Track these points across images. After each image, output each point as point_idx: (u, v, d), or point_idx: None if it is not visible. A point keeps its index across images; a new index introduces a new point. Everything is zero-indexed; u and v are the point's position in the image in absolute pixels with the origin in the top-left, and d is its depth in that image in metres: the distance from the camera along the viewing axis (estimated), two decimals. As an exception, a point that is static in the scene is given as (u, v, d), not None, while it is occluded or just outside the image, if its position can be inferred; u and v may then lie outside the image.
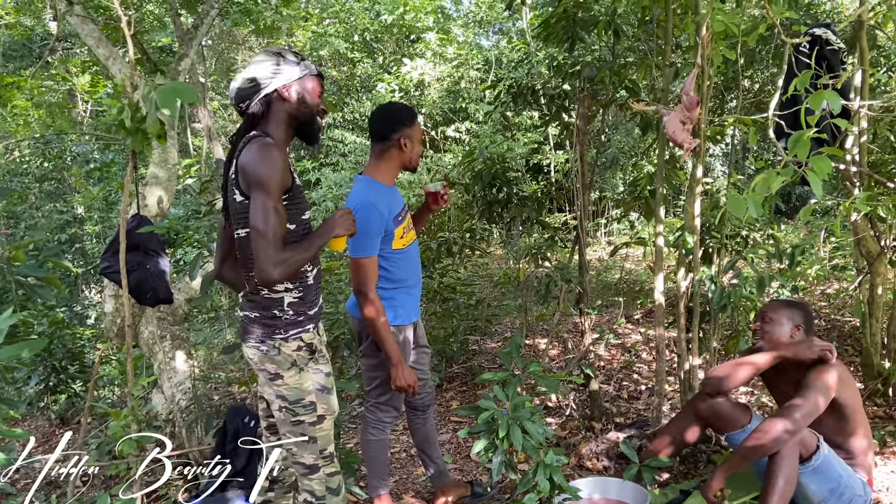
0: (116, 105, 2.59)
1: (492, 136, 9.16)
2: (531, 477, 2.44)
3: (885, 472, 2.87)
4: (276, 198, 1.88)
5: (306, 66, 2.03)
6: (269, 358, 2.02)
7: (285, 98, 1.99)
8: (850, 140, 3.23)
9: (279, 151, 1.91)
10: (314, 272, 2.12)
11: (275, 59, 1.99)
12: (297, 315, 2.05)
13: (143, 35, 6.98)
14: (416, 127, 2.55)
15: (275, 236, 1.86)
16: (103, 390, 5.52)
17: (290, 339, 2.03)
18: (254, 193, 1.88)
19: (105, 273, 3.02)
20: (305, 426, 2.07)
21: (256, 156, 1.89)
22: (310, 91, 2.03)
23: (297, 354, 2.04)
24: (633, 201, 4.44)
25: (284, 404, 2.05)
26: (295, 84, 2.00)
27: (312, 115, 2.05)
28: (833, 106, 1.82)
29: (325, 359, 2.16)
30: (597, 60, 4.19)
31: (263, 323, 2.02)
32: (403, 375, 2.52)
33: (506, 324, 6.23)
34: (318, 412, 2.09)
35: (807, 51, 2.87)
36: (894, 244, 3.47)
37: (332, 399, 2.16)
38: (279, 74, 1.97)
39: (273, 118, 2.00)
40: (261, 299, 2.02)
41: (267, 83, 1.97)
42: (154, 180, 3.97)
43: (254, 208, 1.87)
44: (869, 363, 3.46)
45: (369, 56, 12.65)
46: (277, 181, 1.89)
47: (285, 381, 2.03)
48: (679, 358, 3.34)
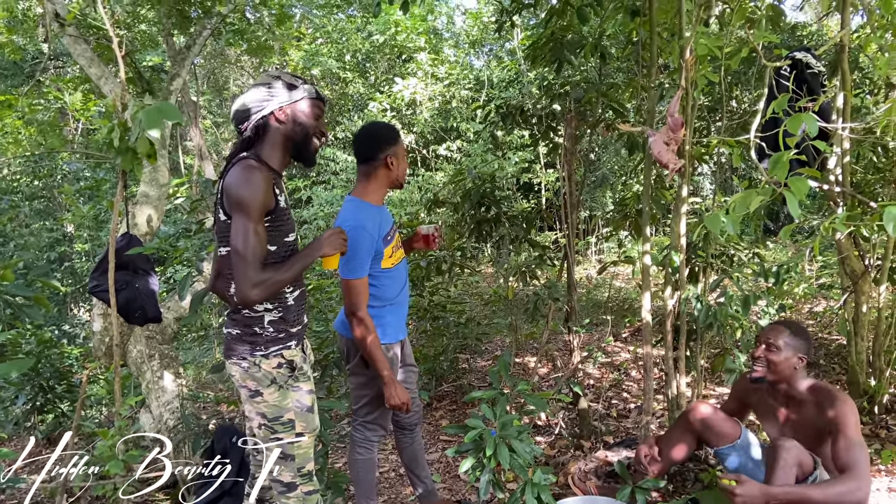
0: (107, 125, 2.61)
1: (482, 156, 9.23)
2: (519, 496, 2.45)
3: (871, 490, 2.89)
4: (256, 219, 1.90)
5: (305, 90, 2.05)
6: (250, 375, 2.03)
7: (280, 120, 2.02)
8: (834, 161, 3.28)
9: (262, 174, 1.93)
10: (296, 294, 2.13)
11: (270, 82, 2.02)
12: (278, 332, 2.06)
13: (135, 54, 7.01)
14: (401, 144, 2.58)
15: (253, 257, 1.88)
16: (91, 410, 5.48)
17: (270, 356, 2.04)
18: (234, 215, 1.91)
19: (94, 292, 3.02)
20: (284, 444, 2.08)
21: (239, 177, 1.91)
22: (306, 113, 2.05)
23: (276, 372, 2.04)
24: (622, 220, 4.49)
25: (263, 421, 2.07)
26: (290, 107, 2.02)
27: (307, 137, 2.07)
28: (810, 128, 1.87)
29: (307, 377, 2.15)
30: (585, 81, 4.25)
31: (244, 340, 2.04)
32: (397, 394, 2.52)
33: (496, 342, 6.24)
34: (296, 430, 2.09)
35: (787, 73, 2.93)
36: (878, 263, 3.51)
37: (311, 417, 2.14)
38: (274, 98, 2.00)
39: (268, 140, 2.03)
40: (242, 317, 2.05)
41: (261, 106, 2.00)
42: (144, 199, 3.97)
43: (234, 229, 1.90)
44: (855, 381, 3.48)
45: (361, 75, 12.75)
46: (258, 203, 1.90)
47: (265, 399, 2.04)
48: (667, 376, 3.35)
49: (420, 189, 9.69)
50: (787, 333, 2.53)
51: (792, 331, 2.55)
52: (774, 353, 2.52)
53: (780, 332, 2.55)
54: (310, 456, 2.15)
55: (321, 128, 2.10)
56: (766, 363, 2.55)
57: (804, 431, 2.52)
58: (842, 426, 2.36)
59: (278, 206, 2.00)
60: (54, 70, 10.08)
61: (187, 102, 7.46)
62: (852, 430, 2.35)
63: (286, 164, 2.10)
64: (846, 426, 2.36)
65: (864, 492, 2.25)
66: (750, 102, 5.04)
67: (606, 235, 9.26)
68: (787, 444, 2.39)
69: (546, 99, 4.15)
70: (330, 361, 3.66)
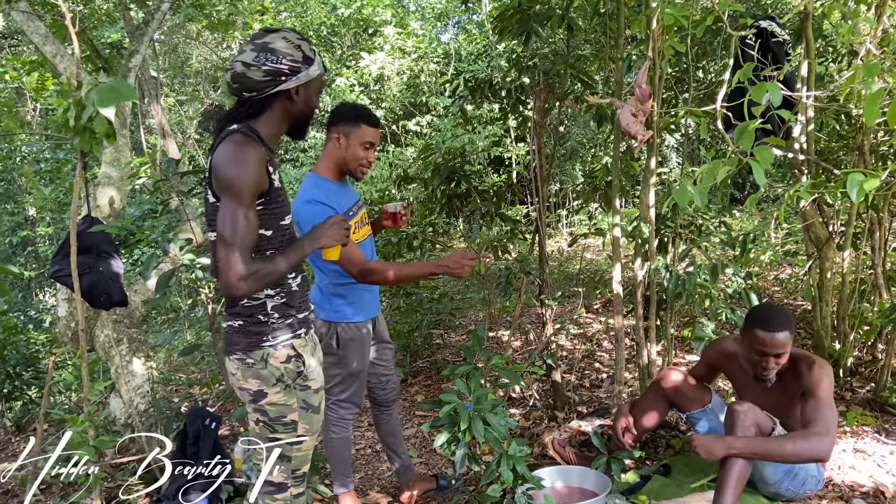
0: (62, 104, 2.52)
1: (453, 130, 9.17)
2: (494, 468, 2.47)
3: (836, 451, 2.97)
4: (247, 203, 1.71)
5: (318, 63, 1.87)
6: (254, 372, 1.84)
7: (293, 99, 1.84)
8: (798, 129, 3.32)
9: (256, 151, 1.73)
10: (298, 279, 1.95)
11: (290, 52, 1.79)
12: (285, 318, 1.88)
13: (91, 31, 6.79)
14: (360, 129, 2.45)
15: (242, 247, 1.69)
16: (60, 396, 5.39)
17: (279, 347, 1.85)
18: (223, 198, 1.72)
19: (56, 277, 2.94)
20: (282, 444, 1.91)
21: (229, 155, 1.72)
22: (315, 94, 1.90)
23: (285, 368, 1.86)
24: (592, 192, 4.51)
25: (264, 419, 1.89)
26: (305, 86, 1.85)
27: (311, 116, 1.93)
28: (774, 97, 1.88)
29: (316, 373, 1.96)
30: (553, 54, 4.23)
31: (249, 331, 1.84)
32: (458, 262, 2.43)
33: (470, 317, 6.26)
34: (298, 431, 1.91)
35: (753, 43, 2.94)
36: (842, 229, 3.58)
37: (316, 418, 1.96)
38: (294, 74, 1.80)
39: (270, 115, 1.84)
40: (241, 307, 1.85)
41: (278, 81, 1.79)
42: (106, 180, 3.88)
43: (222, 214, 1.71)
44: (820, 346, 3.57)
45: (327, 50, 12.53)
46: (251, 185, 1.71)
47: (269, 399, 1.86)
48: (637, 345, 3.40)
49: (390, 165, 9.61)
50: (788, 334, 2.44)
51: (789, 328, 2.45)
52: (784, 356, 2.48)
53: (782, 338, 2.43)
54: (308, 458, 2.00)
55: (318, 105, 1.95)
56: (778, 366, 2.49)
57: (780, 398, 2.57)
58: (814, 388, 2.40)
59: (272, 186, 1.80)
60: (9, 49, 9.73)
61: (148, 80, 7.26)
62: (824, 391, 2.39)
63: (280, 137, 1.93)
64: (818, 388, 2.40)
65: (826, 447, 2.28)
66: (717, 73, 5.07)
67: (577, 208, 9.30)
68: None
69: (515, 72, 4.12)
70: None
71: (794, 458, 2.30)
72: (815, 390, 2.40)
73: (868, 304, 3.65)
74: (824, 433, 2.30)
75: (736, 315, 3.19)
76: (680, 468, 2.89)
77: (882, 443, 3.02)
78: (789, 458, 2.31)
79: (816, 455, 2.30)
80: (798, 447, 2.28)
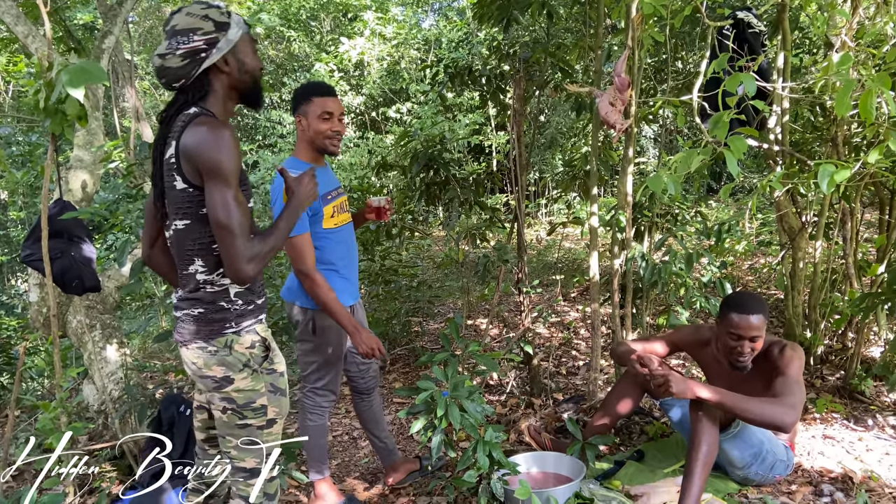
0: (33, 85, 2.47)
1: (433, 118, 9.13)
2: (471, 454, 2.49)
3: (806, 437, 3.03)
4: (235, 184, 1.68)
5: (237, 23, 1.76)
6: (219, 359, 1.79)
7: (225, 71, 1.76)
8: (774, 120, 3.35)
9: (231, 133, 1.69)
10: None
11: (199, 26, 1.71)
12: (248, 304, 1.84)
13: (64, 12, 6.64)
14: (312, 103, 2.47)
15: (241, 229, 1.66)
16: (32, 382, 5.32)
17: (242, 333, 1.82)
18: (210, 184, 1.66)
19: (27, 261, 2.89)
20: (252, 429, 1.87)
21: (208, 139, 1.65)
22: (249, 54, 1.80)
23: (250, 353, 1.83)
24: (571, 181, 4.53)
25: (232, 406, 1.84)
26: (231, 53, 1.76)
27: (255, 79, 1.83)
28: (748, 88, 1.89)
29: (280, 357, 1.94)
30: (533, 42, 4.22)
31: (210, 318, 1.79)
32: (364, 340, 2.48)
33: (448, 304, 6.27)
34: (268, 415, 1.88)
35: (729, 33, 2.96)
36: (814, 219, 3.64)
37: (284, 401, 1.94)
38: (211, 47, 1.71)
39: (214, 94, 1.78)
40: (204, 294, 1.80)
41: (198, 59, 1.71)
42: (78, 164, 3.80)
43: (212, 201, 1.65)
44: (792, 334, 3.63)
45: (306, 35, 12.39)
46: (235, 168, 1.67)
47: (236, 385, 1.81)
48: (614, 333, 3.43)
49: (370, 153, 9.55)
50: (761, 318, 2.47)
51: (763, 313, 2.49)
52: (758, 341, 2.51)
53: (757, 321, 2.47)
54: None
55: (261, 65, 1.86)
56: (752, 352, 2.53)
57: (753, 386, 2.60)
58: (784, 367, 2.44)
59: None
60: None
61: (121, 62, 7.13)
62: (794, 370, 2.43)
63: (229, 115, 1.87)
64: (788, 367, 2.44)
65: (790, 418, 2.29)
66: (695, 63, 5.10)
67: (556, 197, 9.34)
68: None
69: (494, 59, 4.11)
70: (278, 328, 3.63)
71: (758, 417, 2.30)
72: (786, 369, 2.44)
73: (839, 294, 3.72)
74: (791, 406, 2.32)
75: (710, 303, 3.23)
76: (653, 454, 2.94)
77: (851, 429, 3.09)
78: (753, 415, 2.30)
79: (779, 422, 2.30)
80: (764, 408, 2.30)
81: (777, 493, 2.59)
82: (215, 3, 1.77)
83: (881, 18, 2.86)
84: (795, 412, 2.31)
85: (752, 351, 2.52)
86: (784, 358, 2.47)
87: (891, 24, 2.79)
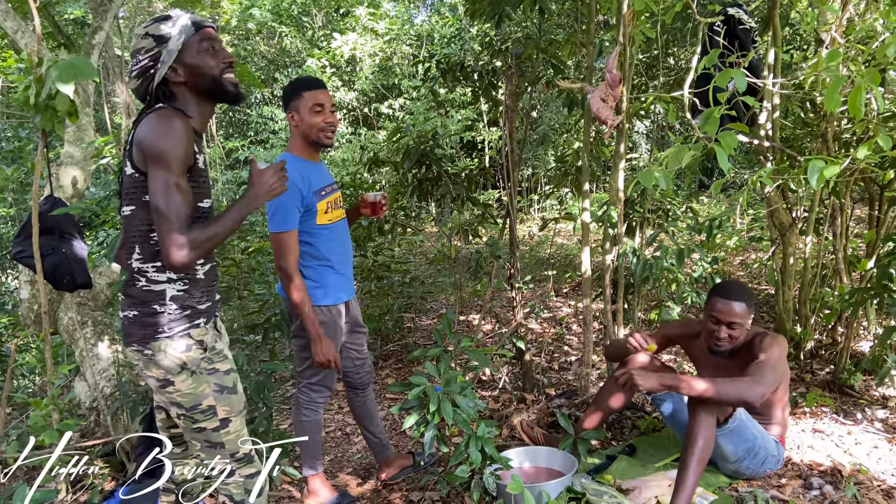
0: (23, 81, 2.46)
1: (425, 114, 9.13)
2: (463, 449, 2.49)
3: (796, 431, 3.06)
4: (178, 171, 1.67)
5: (180, 29, 1.75)
6: (155, 363, 1.78)
7: (179, 82, 1.78)
8: (764, 116, 3.37)
9: (183, 123, 1.69)
10: (206, 267, 1.90)
11: (147, 42, 1.74)
12: (183, 309, 1.81)
13: (53, 7, 6.60)
14: (302, 97, 2.47)
15: (178, 216, 1.65)
16: (24, 380, 5.30)
17: (175, 338, 1.79)
18: (152, 169, 1.67)
19: (18, 258, 2.88)
20: (209, 433, 1.86)
21: (156, 127, 1.67)
22: (199, 57, 1.77)
23: (186, 356, 1.80)
24: (563, 177, 4.54)
25: (181, 411, 1.84)
26: (178, 63, 1.76)
27: (216, 81, 1.80)
28: (738, 84, 1.90)
29: (223, 355, 1.91)
30: (525, 37, 4.22)
31: (143, 322, 1.78)
32: (323, 351, 2.49)
33: (440, 300, 6.28)
34: (219, 416, 1.86)
35: (720, 29, 2.98)
36: (804, 215, 3.66)
37: (234, 398, 1.91)
38: (156, 62, 1.74)
39: (178, 99, 1.80)
40: (139, 292, 1.78)
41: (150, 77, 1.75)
42: (69, 160, 3.79)
43: (153, 186, 1.66)
44: (782, 328, 3.65)
45: (298, 30, 12.35)
46: (180, 155, 1.67)
47: (177, 388, 1.80)
48: (606, 328, 3.45)
49: (362, 149, 9.55)
50: (744, 305, 2.51)
51: (746, 301, 2.52)
52: (737, 328, 2.53)
53: (738, 309, 2.51)
54: (241, 437, 1.93)
55: (224, 59, 1.81)
56: (731, 339, 2.56)
57: (738, 373, 2.62)
58: (761, 353, 2.48)
59: (196, 165, 1.77)
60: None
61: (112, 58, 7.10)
62: (768, 354, 2.46)
63: (206, 118, 1.87)
64: (765, 351, 2.48)
65: (755, 392, 2.32)
66: (686, 59, 5.12)
67: (548, 193, 9.36)
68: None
69: (487, 55, 4.11)
70: (272, 324, 3.63)
71: (723, 396, 2.33)
72: (760, 353, 2.48)
73: (829, 289, 3.75)
74: (756, 382, 2.35)
75: (701, 298, 3.24)
76: (645, 448, 2.95)
77: (840, 423, 3.11)
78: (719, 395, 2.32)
79: (744, 397, 2.33)
80: (728, 387, 2.33)
81: (767, 486, 2.61)
82: (163, 15, 1.78)
83: (871, 15, 2.87)
84: (761, 388, 2.34)
85: (731, 338, 2.56)
86: (763, 345, 2.52)
87: (880, 21, 2.80)
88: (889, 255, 2.89)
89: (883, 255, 3.31)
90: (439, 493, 2.70)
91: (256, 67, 11.98)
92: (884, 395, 3.33)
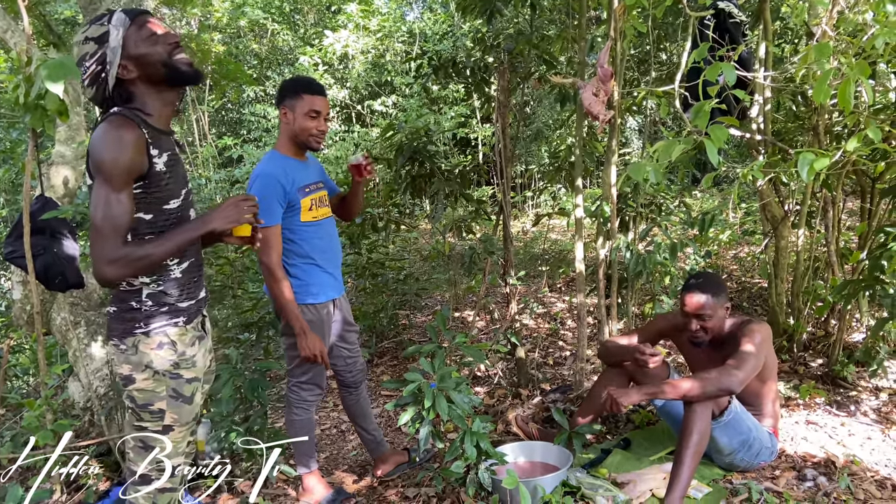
0: (13, 80, 2.45)
1: (418, 110, 9.11)
2: (458, 445, 2.50)
3: (789, 423, 3.07)
4: (118, 185, 1.65)
5: (117, 23, 1.70)
6: (125, 358, 1.78)
7: (130, 78, 1.74)
8: (756, 110, 3.38)
9: (130, 132, 1.66)
10: (184, 265, 1.87)
11: (89, 46, 1.71)
12: (160, 306, 1.81)
13: (44, 6, 6.56)
14: (303, 99, 2.48)
15: (112, 230, 1.64)
16: (17, 381, 5.27)
17: (151, 334, 1.79)
18: (95, 180, 1.67)
19: (10, 258, 2.86)
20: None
21: (101, 138, 1.65)
22: (141, 46, 1.72)
23: (155, 354, 1.79)
24: (556, 173, 4.54)
25: (132, 405, 1.83)
26: (124, 58, 1.71)
27: (167, 65, 1.74)
28: (728, 77, 1.91)
29: (191, 363, 1.87)
30: (517, 33, 4.22)
31: (122, 318, 1.79)
32: (308, 345, 2.49)
33: (435, 297, 6.28)
34: (164, 421, 1.83)
35: (710, 23, 2.98)
36: (797, 208, 3.67)
37: (186, 409, 1.86)
38: (103, 65, 1.71)
39: (136, 97, 1.76)
40: (118, 292, 1.80)
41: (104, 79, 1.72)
42: (60, 159, 3.77)
43: (92, 198, 1.66)
44: (775, 321, 3.67)
45: (290, 28, 12.31)
46: (122, 167, 1.64)
47: (137, 385, 1.79)
48: (599, 323, 3.46)
49: (356, 146, 9.52)
50: (709, 297, 2.56)
51: (712, 292, 2.57)
52: (708, 320, 2.58)
53: (703, 300, 2.57)
54: (179, 449, 1.88)
55: (168, 41, 1.74)
56: (705, 331, 2.62)
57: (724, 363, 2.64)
58: (742, 341, 2.51)
59: (153, 169, 1.72)
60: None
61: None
62: (749, 342, 2.49)
63: (170, 109, 1.83)
64: (745, 339, 2.51)
65: (733, 381, 2.37)
66: (678, 53, 5.12)
67: (541, 188, 9.36)
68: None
69: (479, 51, 4.10)
70: (266, 322, 3.62)
71: (702, 394, 2.37)
72: (742, 341, 2.51)
73: (821, 282, 3.76)
74: (733, 369, 2.40)
75: (694, 292, 3.24)
76: (639, 442, 2.97)
77: (833, 415, 3.13)
78: (696, 393, 2.37)
79: (724, 386, 2.37)
80: (704, 384, 2.37)
81: (761, 478, 2.62)
82: (98, 16, 1.75)
83: (861, 8, 2.88)
84: (740, 373, 2.39)
85: (704, 329, 2.61)
86: (746, 332, 2.55)
87: (870, 14, 2.81)
88: (881, 247, 2.90)
89: (875, 247, 3.32)
90: (435, 488, 2.71)
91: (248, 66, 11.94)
92: (877, 386, 3.35)
